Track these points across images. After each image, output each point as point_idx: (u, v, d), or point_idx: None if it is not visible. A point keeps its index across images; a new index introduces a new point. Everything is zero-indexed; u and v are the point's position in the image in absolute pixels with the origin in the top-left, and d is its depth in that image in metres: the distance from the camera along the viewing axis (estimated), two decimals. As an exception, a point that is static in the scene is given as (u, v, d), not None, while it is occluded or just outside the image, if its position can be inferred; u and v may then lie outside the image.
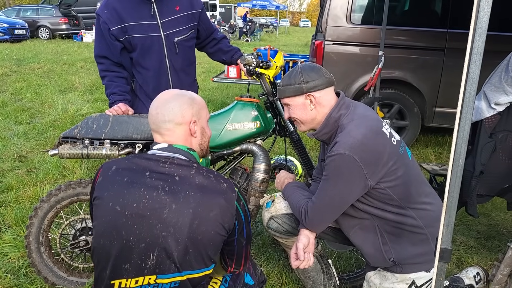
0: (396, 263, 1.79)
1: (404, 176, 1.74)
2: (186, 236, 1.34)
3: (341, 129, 1.76)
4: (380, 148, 1.69)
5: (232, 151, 2.43)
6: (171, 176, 1.40)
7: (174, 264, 1.35)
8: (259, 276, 1.86)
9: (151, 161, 1.43)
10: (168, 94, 1.56)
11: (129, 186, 1.38)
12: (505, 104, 2.35)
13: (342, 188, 1.71)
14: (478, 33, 1.18)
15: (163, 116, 1.49)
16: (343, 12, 4.84)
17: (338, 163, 1.66)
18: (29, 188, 3.56)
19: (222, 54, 2.82)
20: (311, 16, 78.79)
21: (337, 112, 1.79)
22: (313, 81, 1.78)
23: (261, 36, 26.53)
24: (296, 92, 1.81)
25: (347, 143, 1.65)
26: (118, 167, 1.44)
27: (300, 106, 1.83)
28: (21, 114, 6.00)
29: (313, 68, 1.82)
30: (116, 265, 1.37)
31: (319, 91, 1.80)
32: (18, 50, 13.41)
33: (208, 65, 11.51)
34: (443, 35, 4.64)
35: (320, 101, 1.80)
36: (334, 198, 1.74)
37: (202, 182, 1.41)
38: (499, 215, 3.44)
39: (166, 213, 1.35)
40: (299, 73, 1.81)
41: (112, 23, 2.40)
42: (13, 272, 2.53)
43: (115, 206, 1.37)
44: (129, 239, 1.35)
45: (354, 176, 1.67)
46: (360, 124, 1.73)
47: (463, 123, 1.24)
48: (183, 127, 1.51)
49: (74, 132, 2.27)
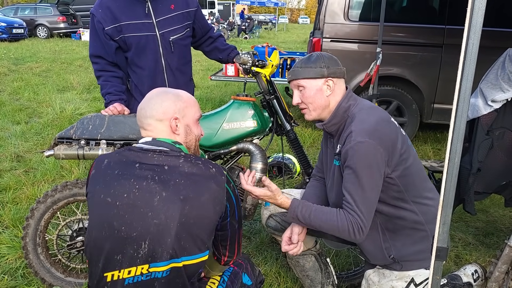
0: (396, 260, 1.78)
1: (412, 166, 1.73)
2: (178, 222, 1.36)
3: (351, 119, 1.74)
4: (394, 135, 1.68)
5: (229, 150, 2.42)
6: (160, 166, 1.42)
7: (167, 251, 1.36)
8: (257, 276, 1.86)
9: (141, 153, 1.45)
10: (155, 91, 1.58)
11: (119, 178, 1.41)
12: (501, 101, 2.35)
13: (374, 177, 1.63)
14: (472, 31, 1.18)
15: (145, 111, 1.52)
16: (340, 9, 4.83)
17: (360, 151, 1.61)
18: (26, 188, 3.55)
19: (218, 52, 2.80)
20: (310, 13, 78.67)
21: (347, 102, 1.78)
22: (334, 67, 1.78)
23: (259, 33, 26.46)
24: (316, 74, 1.77)
25: (363, 129, 1.63)
26: (110, 161, 1.47)
27: (316, 90, 1.78)
28: (19, 114, 5.98)
29: (332, 57, 1.82)
30: (109, 257, 1.38)
31: (337, 78, 1.79)
32: (16, 49, 13.40)
33: (206, 63, 11.49)
34: (441, 32, 4.63)
35: (335, 88, 1.79)
36: (372, 191, 1.65)
37: (191, 169, 1.42)
38: (497, 212, 3.44)
39: (156, 201, 1.37)
40: (319, 58, 1.79)
41: (106, 22, 2.39)
42: (10, 273, 2.53)
43: (106, 198, 1.40)
44: (121, 229, 1.37)
45: (380, 162, 1.62)
46: (371, 112, 1.73)
47: (459, 122, 1.24)
48: (164, 123, 1.52)
49: (69, 132, 2.26)
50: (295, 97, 1.86)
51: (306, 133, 5.43)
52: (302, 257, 2.13)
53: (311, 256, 2.15)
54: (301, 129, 5.58)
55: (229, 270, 1.71)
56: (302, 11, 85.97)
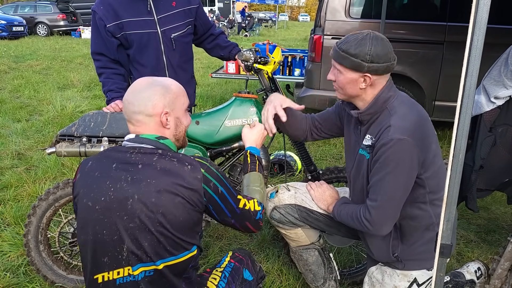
0: (399, 259, 1.77)
1: (440, 168, 1.69)
2: (153, 226, 1.34)
3: (389, 111, 1.65)
4: (431, 135, 1.64)
5: (231, 147, 2.41)
6: (135, 165, 1.38)
7: (146, 254, 1.35)
8: (258, 271, 1.86)
9: (121, 153, 1.43)
10: (142, 82, 1.48)
11: (98, 180, 1.39)
12: (504, 98, 2.34)
13: (404, 176, 1.59)
14: (477, 27, 1.17)
15: (133, 106, 1.43)
16: (341, 6, 4.82)
17: (397, 148, 1.55)
18: (28, 186, 3.55)
19: (220, 49, 2.80)
20: (310, 10, 78.57)
21: (387, 93, 1.67)
22: (378, 64, 1.60)
23: (260, 31, 26.43)
24: (353, 66, 1.61)
25: (404, 126, 1.57)
26: (92, 163, 1.45)
27: (351, 80, 1.66)
28: (19, 112, 5.99)
29: (384, 47, 1.60)
30: (96, 259, 1.39)
31: (378, 75, 1.64)
32: (16, 47, 13.40)
33: (207, 61, 11.48)
34: (443, 29, 4.62)
35: (374, 83, 1.65)
36: (398, 189, 1.61)
37: (164, 167, 1.37)
38: (499, 209, 3.44)
39: (130, 204, 1.34)
40: (368, 47, 1.58)
41: (108, 20, 2.38)
42: (12, 270, 2.53)
43: (88, 202, 1.39)
44: (102, 233, 1.36)
45: (414, 161, 1.57)
46: (412, 108, 1.66)
47: (463, 118, 1.23)
48: (154, 118, 1.45)
49: (71, 130, 2.25)
50: (330, 74, 1.74)
51: (307, 130, 5.42)
52: (305, 251, 2.13)
53: (315, 251, 2.14)
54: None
55: (230, 266, 1.71)
56: (302, 9, 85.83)
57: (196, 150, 2.32)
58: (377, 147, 1.61)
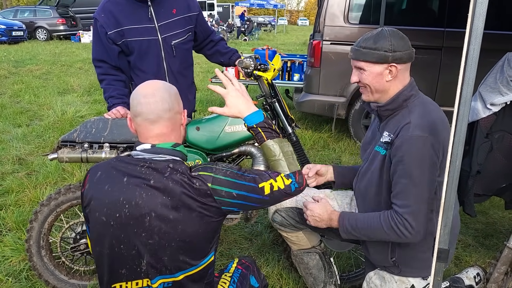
0: (396, 264, 1.78)
1: None
2: (173, 241, 1.34)
3: (409, 109, 1.66)
4: (448, 136, 1.61)
5: (231, 153, 2.44)
6: (147, 180, 1.35)
7: (166, 267, 1.36)
8: (262, 279, 1.88)
9: (130, 165, 1.39)
10: (158, 83, 1.45)
11: (110, 195, 1.37)
12: (500, 105, 2.37)
13: (429, 175, 1.57)
14: (473, 36, 1.20)
15: (163, 104, 1.39)
16: (340, 12, 4.86)
17: (418, 145, 1.55)
18: (29, 191, 3.57)
19: (220, 56, 2.83)
20: (309, 15, 78.77)
21: (410, 91, 1.69)
22: (400, 52, 1.63)
23: (259, 35, 26.51)
24: (379, 59, 1.64)
25: (424, 124, 1.57)
26: (102, 173, 1.42)
27: (377, 74, 1.67)
28: (20, 117, 6.00)
29: (403, 37, 1.66)
30: (113, 270, 1.39)
31: (402, 64, 1.66)
32: (16, 52, 13.41)
33: (206, 65, 11.51)
34: (440, 34, 4.65)
35: (398, 74, 1.67)
36: (425, 189, 1.58)
37: (178, 184, 1.34)
38: (497, 214, 3.46)
39: (147, 222, 1.33)
40: (387, 38, 1.63)
41: (109, 27, 2.41)
42: (14, 275, 2.54)
43: (101, 217, 1.37)
44: (120, 247, 1.37)
45: (435, 159, 1.56)
46: (433, 109, 1.67)
47: (460, 125, 1.26)
48: (179, 116, 1.46)
49: (73, 136, 2.28)
50: (353, 76, 1.76)
51: (307, 135, 5.45)
52: (306, 254, 2.15)
53: (316, 254, 2.16)
54: (302, 131, 5.60)
55: (237, 272, 1.73)
56: (301, 13, 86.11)
57: (197, 156, 2.34)
58: (397, 145, 1.60)
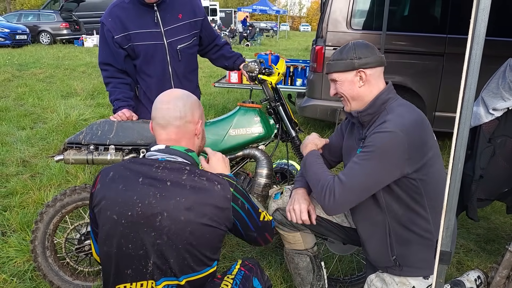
0: (397, 263, 1.79)
1: (438, 172, 1.73)
2: (181, 243, 1.36)
3: (388, 111, 1.72)
4: (426, 137, 1.68)
5: (235, 156, 2.46)
6: (163, 181, 1.39)
7: (171, 269, 1.38)
8: (266, 281, 1.89)
9: (145, 166, 1.44)
10: (178, 91, 1.56)
11: (123, 194, 1.40)
12: (502, 110, 2.39)
13: (381, 168, 1.64)
14: (476, 41, 1.22)
15: (175, 111, 1.48)
16: (343, 18, 4.89)
17: (387, 140, 1.61)
18: (33, 193, 3.59)
19: (224, 60, 2.86)
20: (311, 21, 79.01)
21: (387, 95, 1.77)
22: (366, 58, 1.74)
23: (261, 41, 26.59)
24: (346, 67, 1.76)
25: (400, 122, 1.63)
26: (115, 174, 1.45)
27: (349, 83, 1.78)
28: (23, 119, 6.04)
29: (366, 45, 1.78)
30: (119, 270, 1.41)
31: (370, 68, 1.75)
32: (20, 55, 13.48)
33: (209, 70, 11.56)
34: (443, 41, 4.68)
35: (369, 79, 1.76)
36: (369, 177, 1.67)
37: (194, 186, 1.40)
38: (498, 219, 3.47)
39: (158, 221, 1.36)
40: (352, 48, 1.76)
41: (116, 31, 2.45)
42: (19, 276, 2.56)
43: (113, 215, 1.39)
44: (128, 247, 1.38)
45: (398, 157, 1.62)
46: (411, 110, 1.72)
47: (462, 129, 1.28)
48: (191, 126, 1.52)
49: (79, 138, 2.30)
50: (331, 89, 1.86)
51: (309, 140, 5.46)
52: (297, 255, 2.17)
53: (306, 257, 2.18)
54: (305, 135, 5.60)
55: (240, 274, 1.74)
56: (303, 19, 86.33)
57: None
58: (370, 136, 1.68)
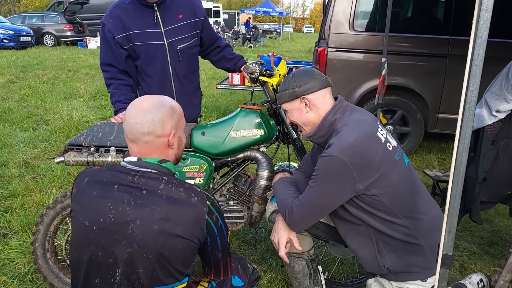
0: (390, 271, 1.78)
1: (398, 183, 1.73)
2: (151, 253, 1.32)
3: (335, 132, 1.77)
4: (372, 153, 1.69)
5: (236, 158, 2.45)
6: (139, 189, 1.36)
7: (139, 280, 1.33)
8: (251, 274, 1.85)
9: (122, 174, 1.40)
10: (148, 102, 1.45)
11: (97, 200, 1.37)
12: (506, 112, 2.37)
13: (329, 190, 1.72)
14: (478, 43, 1.21)
15: (142, 127, 1.40)
16: (346, 19, 4.88)
17: (328, 164, 1.68)
18: (35, 194, 3.59)
19: (226, 61, 2.85)
20: (314, 22, 79.06)
21: (333, 116, 1.82)
22: (306, 84, 1.81)
23: (264, 42, 26.62)
24: (290, 96, 1.85)
25: (339, 146, 1.67)
26: (90, 180, 1.42)
27: (296, 110, 1.87)
28: (26, 121, 6.05)
29: (306, 72, 1.86)
30: (87, 279, 1.37)
31: (313, 93, 1.82)
32: (24, 57, 13.53)
33: (211, 72, 11.57)
34: (446, 42, 4.66)
35: (315, 103, 1.83)
36: (320, 198, 1.75)
37: (171, 196, 1.36)
38: (502, 221, 3.45)
39: (130, 229, 1.32)
40: (292, 78, 1.85)
41: (116, 32, 2.44)
42: (19, 278, 2.56)
43: (85, 221, 1.36)
44: (98, 254, 1.35)
45: (343, 178, 1.67)
46: (354, 128, 1.73)
47: (464, 131, 1.26)
48: (162, 139, 1.45)
49: (79, 139, 2.30)
50: (287, 119, 1.98)
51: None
52: (293, 258, 2.15)
53: (302, 260, 2.16)
54: (306, 137, 5.60)
55: None
56: (307, 21, 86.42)
57: (202, 161, 2.35)
58: (318, 160, 1.74)
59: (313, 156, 2.20)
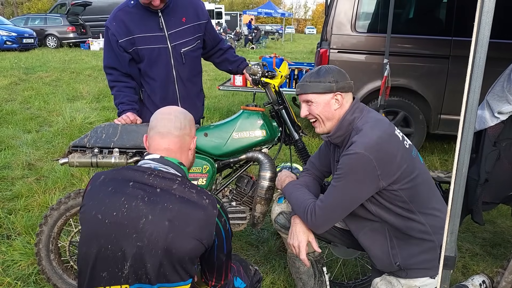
0: (401, 267, 1.80)
1: (417, 178, 1.76)
2: (160, 248, 1.34)
3: (356, 131, 1.79)
4: (394, 150, 1.72)
5: (238, 159, 2.46)
6: (153, 187, 1.41)
7: (146, 275, 1.36)
8: (253, 276, 1.85)
9: (137, 172, 1.45)
10: (179, 107, 1.64)
11: (112, 195, 1.41)
12: (508, 113, 2.37)
13: (354, 187, 1.73)
14: (479, 44, 1.21)
15: (177, 121, 1.55)
16: (348, 20, 4.89)
17: (353, 162, 1.69)
18: (38, 196, 3.60)
19: (228, 64, 2.86)
20: (316, 23, 79.07)
21: (351, 115, 1.84)
22: (342, 82, 1.84)
23: (266, 44, 26.62)
24: (325, 89, 1.83)
25: (364, 142, 1.68)
26: (105, 177, 1.47)
27: (325, 104, 1.85)
28: (29, 123, 6.07)
29: (340, 71, 1.88)
30: (94, 273, 1.39)
31: (345, 92, 1.86)
32: (27, 59, 13.57)
33: (214, 73, 11.58)
34: (448, 43, 4.66)
35: (344, 102, 1.86)
36: (345, 197, 1.76)
37: (183, 196, 1.41)
38: (504, 223, 3.44)
39: (142, 224, 1.35)
40: (329, 72, 1.85)
41: (120, 35, 2.45)
42: (23, 279, 2.57)
43: (97, 215, 1.38)
44: (107, 247, 1.37)
45: (368, 175, 1.69)
46: (375, 126, 1.76)
47: (466, 133, 1.27)
48: (188, 140, 1.58)
49: (83, 141, 2.31)
50: (303, 110, 1.92)
51: (314, 142, 5.47)
52: (298, 259, 2.16)
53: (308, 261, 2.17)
54: (309, 139, 5.61)
55: None
56: (309, 22, 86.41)
57: (205, 162, 2.36)
58: (341, 158, 1.76)
59: (321, 157, 2.19)
